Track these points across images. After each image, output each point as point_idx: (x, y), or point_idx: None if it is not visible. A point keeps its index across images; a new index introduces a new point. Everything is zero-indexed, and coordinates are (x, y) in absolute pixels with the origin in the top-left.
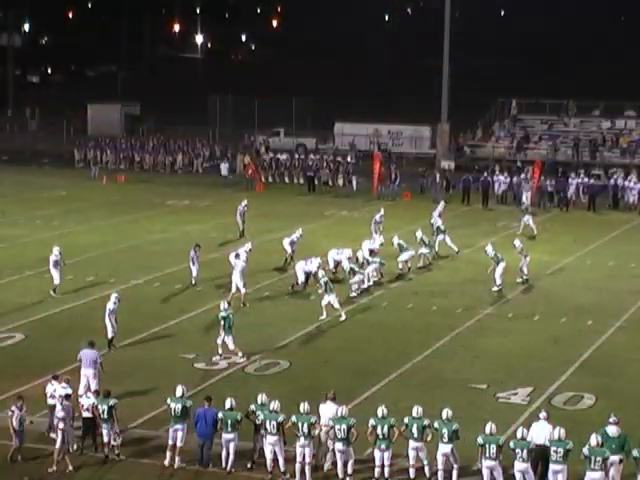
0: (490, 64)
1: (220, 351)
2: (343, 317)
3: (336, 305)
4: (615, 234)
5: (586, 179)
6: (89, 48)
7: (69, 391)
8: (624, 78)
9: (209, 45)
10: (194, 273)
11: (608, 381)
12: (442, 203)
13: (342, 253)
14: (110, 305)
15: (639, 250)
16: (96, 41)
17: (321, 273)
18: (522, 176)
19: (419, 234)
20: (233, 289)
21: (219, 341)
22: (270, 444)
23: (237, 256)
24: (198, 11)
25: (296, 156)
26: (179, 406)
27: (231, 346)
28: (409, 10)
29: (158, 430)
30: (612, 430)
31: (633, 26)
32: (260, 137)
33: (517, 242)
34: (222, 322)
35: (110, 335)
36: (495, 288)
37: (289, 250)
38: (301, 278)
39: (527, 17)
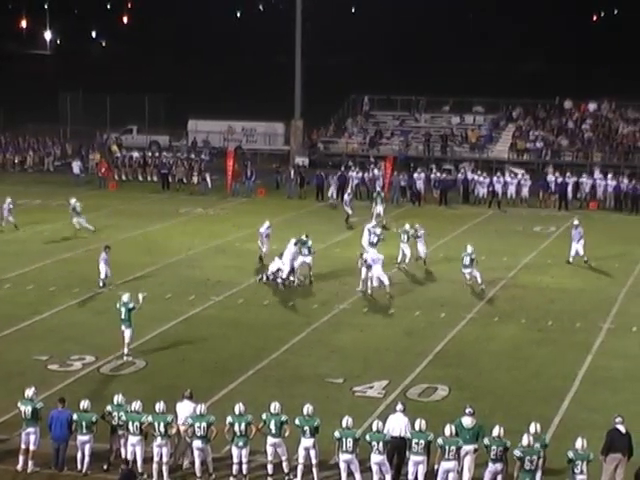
0: (341, 61)
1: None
2: None
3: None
4: (466, 227)
5: (438, 174)
6: None
7: None
8: (472, 75)
9: (58, 41)
10: (102, 275)
11: (461, 372)
12: (373, 222)
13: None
14: None
15: (489, 243)
16: None
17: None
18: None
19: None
20: (375, 283)
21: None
22: (132, 445)
23: None
24: (46, 7)
25: (149, 154)
26: (29, 409)
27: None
28: (261, 7)
29: (10, 434)
30: (467, 421)
31: (479, 25)
32: (112, 135)
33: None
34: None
35: None
36: (483, 287)
37: (263, 247)
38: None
39: (377, 14)
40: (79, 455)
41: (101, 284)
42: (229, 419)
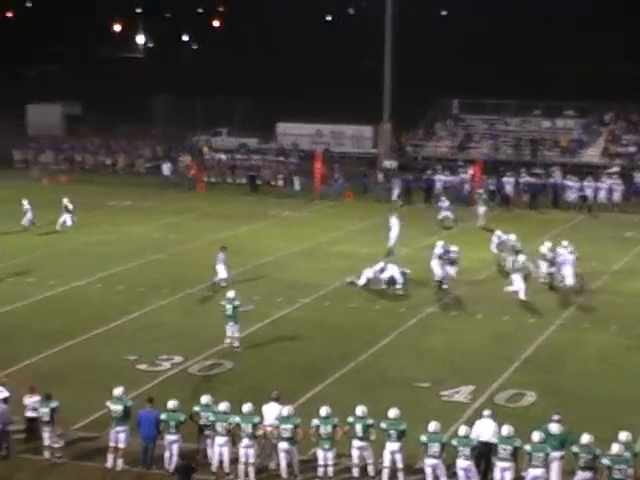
0: (431, 64)
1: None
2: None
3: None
4: (556, 232)
5: (527, 178)
6: (28, 48)
7: (6, 394)
8: (563, 78)
9: (151, 45)
10: (225, 275)
11: (549, 378)
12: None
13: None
14: None
15: (580, 248)
16: (36, 40)
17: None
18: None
19: (544, 248)
20: (570, 282)
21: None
22: (219, 445)
23: None
24: (139, 11)
25: (238, 156)
26: (119, 407)
27: (228, 332)
28: (351, 10)
29: (100, 432)
30: (553, 428)
31: (564, 28)
32: (203, 137)
33: (512, 237)
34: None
35: None
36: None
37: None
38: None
39: (468, 17)
40: (167, 454)
41: (223, 284)
42: (315, 421)
